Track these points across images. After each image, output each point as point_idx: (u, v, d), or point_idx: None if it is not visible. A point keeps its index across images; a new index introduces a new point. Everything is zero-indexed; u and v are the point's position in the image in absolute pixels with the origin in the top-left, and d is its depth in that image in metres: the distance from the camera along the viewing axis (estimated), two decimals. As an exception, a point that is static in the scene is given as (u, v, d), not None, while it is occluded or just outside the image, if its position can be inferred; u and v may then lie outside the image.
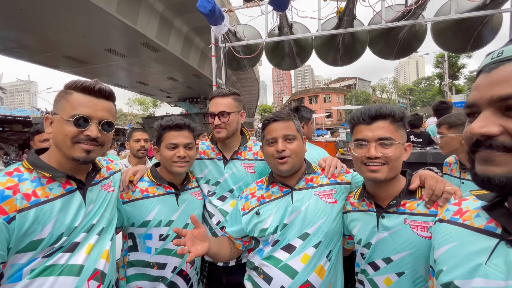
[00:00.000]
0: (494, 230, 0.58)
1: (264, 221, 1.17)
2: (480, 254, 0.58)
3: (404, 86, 67.79)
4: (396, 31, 3.62)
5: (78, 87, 0.94)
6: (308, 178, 1.23)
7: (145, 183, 1.36)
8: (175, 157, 1.29)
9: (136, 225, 1.30)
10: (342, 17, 3.32)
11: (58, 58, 13.93)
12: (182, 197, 1.40)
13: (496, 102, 0.48)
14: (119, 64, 15.43)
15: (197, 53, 16.21)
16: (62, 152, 0.95)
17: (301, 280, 1.06)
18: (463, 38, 3.53)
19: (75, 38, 11.45)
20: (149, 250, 1.30)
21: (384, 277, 0.97)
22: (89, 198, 1.02)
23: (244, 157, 1.56)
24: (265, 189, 1.26)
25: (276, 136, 1.14)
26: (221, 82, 3.82)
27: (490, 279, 0.54)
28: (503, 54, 0.49)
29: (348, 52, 4.05)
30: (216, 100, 1.50)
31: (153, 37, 12.01)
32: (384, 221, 0.98)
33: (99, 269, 1.00)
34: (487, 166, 0.50)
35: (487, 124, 0.49)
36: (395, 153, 0.93)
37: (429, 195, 0.92)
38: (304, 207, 1.14)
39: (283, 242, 1.12)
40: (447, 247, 0.67)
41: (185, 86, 21.60)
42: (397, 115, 0.95)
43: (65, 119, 0.91)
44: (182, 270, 1.35)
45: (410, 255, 0.92)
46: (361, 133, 0.97)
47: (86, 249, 0.98)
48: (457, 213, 0.70)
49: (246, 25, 3.94)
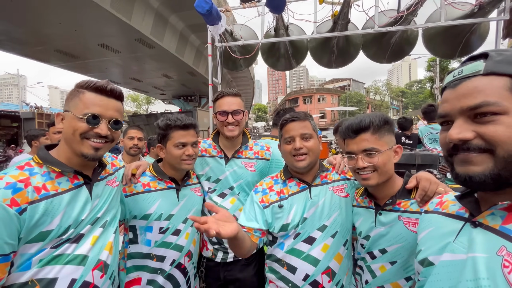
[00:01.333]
0: (463, 214, 0.69)
1: (286, 217, 1.24)
2: (450, 234, 0.67)
3: (397, 88, 68.91)
4: (389, 35, 3.72)
5: (90, 87, 0.99)
6: (323, 175, 1.33)
7: (147, 178, 1.41)
8: (184, 155, 1.35)
9: (138, 218, 1.35)
10: (337, 20, 3.39)
11: (49, 52, 13.60)
12: (183, 193, 1.45)
13: (466, 111, 0.57)
14: (112, 59, 15.17)
15: (192, 51, 16.09)
16: (72, 148, 0.99)
17: (323, 267, 1.19)
18: (452, 44, 3.65)
19: (67, 32, 11.20)
20: (149, 242, 1.35)
21: (379, 265, 1.10)
22: (95, 192, 1.07)
23: (245, 156, 1.62)
24: (282, 184, 1.32)
25: (294, 135, 1.23)
26: (216, 81, 3.84)
27: (455, 253, 0.63)
28: (463, 72, 0.59)
29: (342, 54, 4.12)
30: (228, 99, 1.55)
31: (148, 33, 11.86)
32: (381, 218, 1.09)
33: (103, 260, 1.06)
34: (466, 166, 0.57)
35: (462, 131, 0.57)
36: (380, 160, 1.02)
37: (421, 195, 1.00)
38: (321, 201, 1.25)
39: (304, 235, 1.22)
40: (427, 231, 0.77)
41: (179, 84, 21.42)
42: (377, 123, 1.04)
43: (77, 116, 0.96)
44: (181, 263, 1.39)
45: (402, 247, 1.03)
46: (348, 146, 1.09)
47: (91, 241, 1.03)
48: (438, 204, 0.81)
49: (242, 25, 3.97)
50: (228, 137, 1.54)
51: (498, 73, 0.55)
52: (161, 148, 1.41)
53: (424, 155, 3.23)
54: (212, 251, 1.57)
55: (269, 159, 1.67)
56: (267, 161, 1.66)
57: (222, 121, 1.52)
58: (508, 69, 0.54)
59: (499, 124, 0.53)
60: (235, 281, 1.56)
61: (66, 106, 1.00)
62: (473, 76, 0.57)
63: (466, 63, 0.60)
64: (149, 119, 12.43)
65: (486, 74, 0.55)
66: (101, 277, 1.04)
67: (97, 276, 1.03)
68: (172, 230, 1.37)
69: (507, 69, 0.54)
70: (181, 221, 1.41)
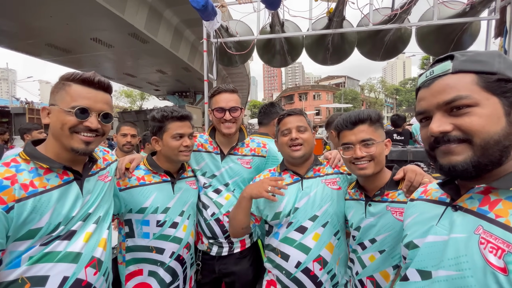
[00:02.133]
0: (444, 200, 0.74)
1: (278, 205, 1.32)
2: (433, 218, 0.72)
3: (391, 86, 69.48)
4: (383, 33, 3.76)
5: (77, 79, 0.96)
6: (316, 169, 1.39)
7: (141, 171, 1.41)
8: (182, 146, 1.36)
9: (133, 212, 1.36)
10: (332, 17, 3.41)
11: (40, 46, 13.28)
12: (178, 186, 1.45)
13: (442, 106, 0.63)
14: (105, 54, 14.90)
15: (187, 46, 15.91)
16: (61, 143, 0.97)
17: (314, 255, 1.25)
18: (444, 42, 3.71)
19: (59, 25, 10.94)
20: (147, 235, 1.35)
21: (369, 255, 1.15)
22: (86, 188, 1.05)
23: (241, 153, 1.62)
24: (277, 176, 1.40)
25: (290, 127, 1.32)
26: (212, 77, 3.83)
27: (437, 235, 0.69)
28: (434, 72, 0.66)
29: (337, 52, 4.16)
30: (225, 95, 1.53)
31: (142, 27, 11.67)
32: (371, 209, 1.15)
33: (96, 256, 1.04)
34: (449, 157, 0.62)
35: (441, 124, 0.62)
36: (377, 150, 1.09)
37: (407, 186, 1.06)
38: (313, 193, 1.32)
39: (296, 224, 1.29)
40: (412, 217, 0.82)
41: (174, 80, 21.19)
42: (374, 117, 1.12)
43: (65, 110, 0.93)
44: (180, 255, 1.41)
45: (390, 235, 1.09)
46: (346, 138, 1.13)
47: (84, 237, 1.01)
48: (423, 192, 0.87)
49: (238, 21, 3.96)
50: (225, 134, 1.54)
51: (465, 70, 0.61)
52: (157, 140, 1.40)
53: (416, 151, 3.32)
54: (207, 245, 1.58)
55: (266, 156, 1.68)
56: (263, 158, 1.67)
57: (219, 118, 1.51)
58: (472, 66, 0.61)
59: (473, 115, 0.59)
60: (230, 274, 1.58)
61: (51, 99, 0.97)
62: (443, 75, 0.63)
63: (435, 65, 0.66)
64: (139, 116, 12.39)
65: (455, 72, 0.62)
66: (95, 274, 1.03)
67: (90, 273, 1.01)
68: (169, 223, 1.38)
69: (471, 67, 0.61)
70: (177, 214, 1.41)
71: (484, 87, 0.59)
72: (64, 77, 0.97)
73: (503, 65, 0.60)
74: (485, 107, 0.58)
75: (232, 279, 1.59)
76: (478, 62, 0.61)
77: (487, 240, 0.57)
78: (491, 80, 0.59)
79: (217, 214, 1.55)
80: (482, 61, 0.61)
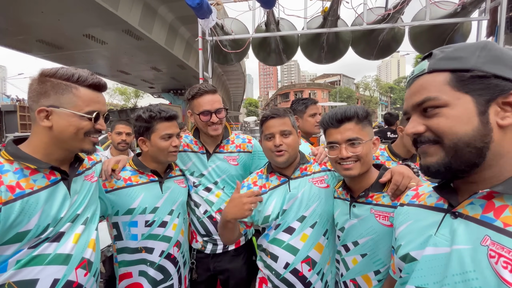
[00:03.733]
0: (442, 206, 0.67)
1: (267, 209, 1.30)
2: (431, 227, 0.66)
3: (385, 84, 70.11)
4: (377, 33, 3.80)
5: (84, 83, 0.96)
6: (303, 168, 1.35)
7: (127, 172, 1.39)
8: (171, 147, 1.35)
9: (120, 213, 1.34)
10: (326, 16, 3.43)
11: (31, 42, 12.98)
12: (166, 185, 1.44)
13: (415, 107, 0.62)
14: (98, 51, 14.65)
15: (182, 43, 15.75)
16: (67, 145, 0.97)
17: (302, 256, 1.23)
18: (436, 42, 3.77)
19: (50, 21, 10.70)
20: (135, 237, 1.35)
21: (352, 257, 1.13)
22: (74, 188, 1.04)
23: (227, 150, 1.62)
24: (264, 178, 1.38)
25: (274, 132, 1.26)
26: (207, 76, 3.83)
27: (438, 247, 0.62)
28: (414, 72, 0.64)
29: (332, 50, 4.18)
30: (208, 97, 1.49)
31: (136, 24, 11.51)
32: (355, 210, 1.12)
33: (86, 257, 1.04)
34: (424, 158, 0.62)
35: (415, 125, 0.62)
36: (364, 150, 1.04)
37: (393, 189, 1.01)
38: (300, 193, 1.28)
39: (284, 226, 1.27)
40: (405, 225, 0.76)
41: (169, 77, 20.98)
42: (361, 115, 1.06)
43: (79, 115, 0.94)
44: (170, 253, 1.41)
45: (372, 239, 1.06)
46: (331, 136, 1.09)
47: (73, 239, 1.00)
48: (414, 197, 0.81)
49: (233, 19, 3.95)
50: (213, 136, 1.53)
51: (439, 69, 0.59)
52: (144, 141, 1.37)
53: (408, 149, 3.40)
54: (202, 243, 1.60)
55: (252, 151, 1.68)
56: (249, 154, 1.67)
57: (206, 121, 1.48)
58: (446, 65, 0.58)
59: (441, 116, 0.57)
60: (224, 272, 1.60)
61: (51, 100, 0.91)
62: (421, 75, 0.62)
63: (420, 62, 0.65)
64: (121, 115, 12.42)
65: (430, 71, 0.60)
66: (85, 275, 1.02)
67: (81, 275, 1.01)
68: (158, 222, 1.38)
69: (446, 65, 0.58)
70: (166, 213, 1.41)
71: (455, 86, 0.56)
72: (65, 77, 0.93)
73: (483, 59, 0.55)
74: (454, 107, 0.56)
75: (227, 276, 1.60)
76: (454, 59, 0.57)
77: (498, 253, 0.50)
78: (464, 78, 0.56)
79: (210, 211, 1.57)
80: (458, 58, 0.57)
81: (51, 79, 0.92)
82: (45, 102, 0.92)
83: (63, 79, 0.93)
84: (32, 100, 0.93)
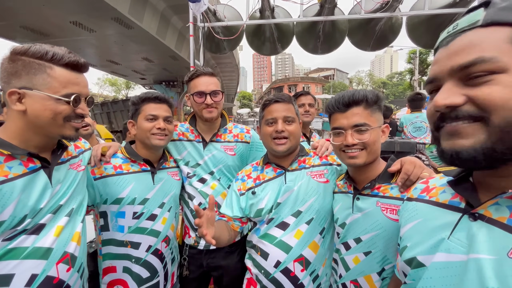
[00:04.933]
0: (458, 204, 0.57)
1: (260, 202, 1.21)
2: (444, 228, 0.57)
3: (378, 79, 70.68)
4: (374, 22, 3.72)
5: (60, 62, 0.87)
6: (301, 160, 1.27)
7: (118, 160, 1.32)
8: (154, 128, 1.28)
9: (108, 202, 1.26)
10: (324, 4, 3.32)
11: (14, 28, 12.36)
12: (159, 176, 1.37)
13: (457, 72, 0.47)
14: (86, 39, 14.10)
15: (174, 34, 15.33)
16: (46, 131, 0.89)
17: (295, 254, 1.13)
18: (434, 34, 3.71)
19: (34, 6, 10.18)
20: (122, 228, 1.27)
21: (353, 256, 1.02)
22: (56, 177, 0.97)
23: (224, 139, 1.55)
24: (260, 170, 1.29)
25: (277, 117, 1.17)
26: (199, 64, 3.68)
27: (451, 253, 0.53)
28: (458, 26, 0.49)
29: (328, 40, 4.09)
30: (204, 79, 1.45)
31: (126, 12, 11.07)
32: (359, 203, 1.02)
33: (69, 252, 0.97)
34: (454, 140, 0.48)
35: (450, 95, 0.48)
36: (371, 137, 0.94)
37: (404, 179, 0.93)
38: (297, 186, 1.19)
39: (277, 220, 1.18)
40: (412, 223, 0.67)
41: (161, 68, 20.50)
42: (370, 99, 0.96)
43: (55, 97, 0.85)
44: (157, 249, 1.33)
45: (378, 235, 0.95)
46: (337, 121, 0.99)
47: (55, 231, 0.93)
48: (424, 191, 0.71)
49: (226, 5, 3.78)
50: (207, 119, 1.46)
51: (500, 22, 0.44)
52: (133, 124, 1.34)
53: (403, 142, 3.35)
54: (195, 238, 1.52)
55: (250, 142, 1.61)
56: (247, 144, 1.60)
57: (200, 103, 1.42)
58: None
59: (496, 85, 0.43)
60: (218, 268, 1.53)
61: (23, 81, 0.83)
62: (469, 29, 0.47)
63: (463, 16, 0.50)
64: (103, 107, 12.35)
65: (486, 25, 0.45)
66: (68, 270, 0.96)
67: (63, 270, 0.94)
68: (147, 215, 1.30)
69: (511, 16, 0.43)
70: (157, 206, 1.34)
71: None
72: (38, 55, 0.84)
73: None
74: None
75: (221, 273, 1.54)
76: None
77: None
78: None
79: (204, 204, 1.48)
80: None
81: (23, 57, 0.83)
82: (17, 84, 0.84)
83: (36, 58, 0.84)
84: (4, 81, 0.85)
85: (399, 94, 51.21)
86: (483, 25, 0.46)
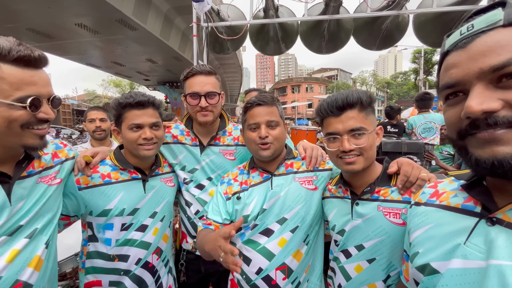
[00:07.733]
0: (473, 209, 0.56)
1: (246, 208, 1.16)
2: (459, 234, 0.55)
3: (382, 79, 70.18)
4: (380, 21, 3.64)
5: (7, 59, 0.71)
6: (288, 164, 1.22)
7: (107, 167, 1.21)
8: (140, 139, 1.16)
9: (94, 214, 1.17)
10: (328, 2, 3.26)
11: (20, 31, 12.52)
12: (150, 184, 1.27)
13: (487, 74, 0.44)
14: (91, 41, 14.23)
15: (178, 35, 15.40)
16: (5, 142, 0.77)
17: (278, 262, 1.09)
18: (442, 32, 3.62)
19: (40, 9, 10.31)
20: (109, 241, 1.18)
21: (355, 265, 0.97)
22: (17, 194, 0.85)
23: (223, 143, 1.44)
24: (246, 174, 1.23)
25: (259, 122, 1.11)
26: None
27: (469, 260, 0.51)
28: (474, 27, 0.47)
29: (333, 39, 4.02)
30: (200, 78, 1.31)
31: (130, 14, 11.15)
32: (358, 208, 0.97)
33: (22, 280, 0.84)
34: (493, 147, 0.45)
35: (485, 100, 0.44)
36: (368, 142, 0.91)
37: (403, 181, 0.91)
38: (284, 192, 1.14)
39: (262, 227, 1.13)
40: (423, 229, 0.64)
41: (164, 69, 20.62)
42: (365, 101, 0.91)
43: (7, 103, 0.71)
44: (148, 262, 1.24)
45: (382, 241, 0.91)
46: (331, 126, 0.93)
47: (7, 257, 0.81)
48: (433, 195, 0.68)
49: (229, 4, 3.75)
50: (201, 123, 1.34)
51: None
52: (118, 132, 1.21)
53: (410, 143, 3.27)
54: (192, 244, 1.46)
55: None
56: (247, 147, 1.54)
57: (194, 105, 1.30)
58: None
59: None
60: (215, 274, 1.47)
61: None
62: (489, 30, 0.45)
63: (473, 18, 0.48)
64: None
65: (508, 24, 0.43)
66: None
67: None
68: (136, 225, 1.21)
69: None
70: (148, 216, 1.24)
71: None
72: None
73: None
74: None
75: (218, 279, 1.48)
76: None
77: None
78: None
79: (202, 212, 1.41)
80: None
81: None
82: None
83: None
84: None
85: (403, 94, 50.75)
86: (505, 25, 0.44)
